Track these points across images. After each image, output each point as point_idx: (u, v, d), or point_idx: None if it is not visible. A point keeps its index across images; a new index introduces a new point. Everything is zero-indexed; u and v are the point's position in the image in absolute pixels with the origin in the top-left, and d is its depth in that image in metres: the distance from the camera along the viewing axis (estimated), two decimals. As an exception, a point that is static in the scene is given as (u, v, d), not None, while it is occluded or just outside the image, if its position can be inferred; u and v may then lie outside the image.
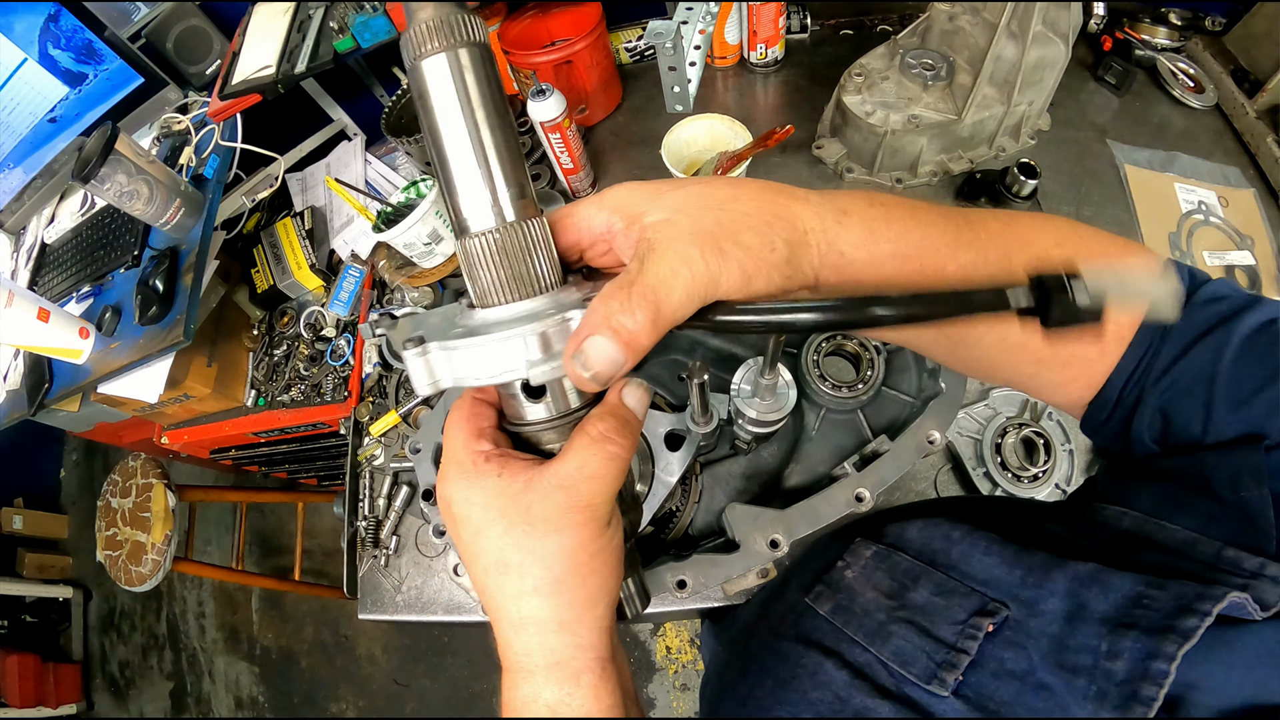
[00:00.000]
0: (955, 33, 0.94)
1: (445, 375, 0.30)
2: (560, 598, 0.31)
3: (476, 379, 0.30)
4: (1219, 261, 0.93)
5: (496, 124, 0.30)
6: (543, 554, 0.31)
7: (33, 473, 2.69)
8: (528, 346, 0.29)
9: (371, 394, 1.04)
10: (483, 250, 0.30)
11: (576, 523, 0.31)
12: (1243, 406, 0.34)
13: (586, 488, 0.31)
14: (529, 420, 0.34)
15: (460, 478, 0.32)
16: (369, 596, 0.90)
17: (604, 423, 0.32)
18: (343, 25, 1.06)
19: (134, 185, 0.97)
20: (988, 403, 0.84)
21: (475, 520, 0.32)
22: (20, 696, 2.12)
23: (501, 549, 0.31)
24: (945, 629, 0.36)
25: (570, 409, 0.34)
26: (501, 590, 0.32)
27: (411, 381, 0.30)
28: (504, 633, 0.33)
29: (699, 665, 1.84)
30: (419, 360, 0.29)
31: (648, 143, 1.16)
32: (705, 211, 0.30)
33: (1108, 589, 0.32)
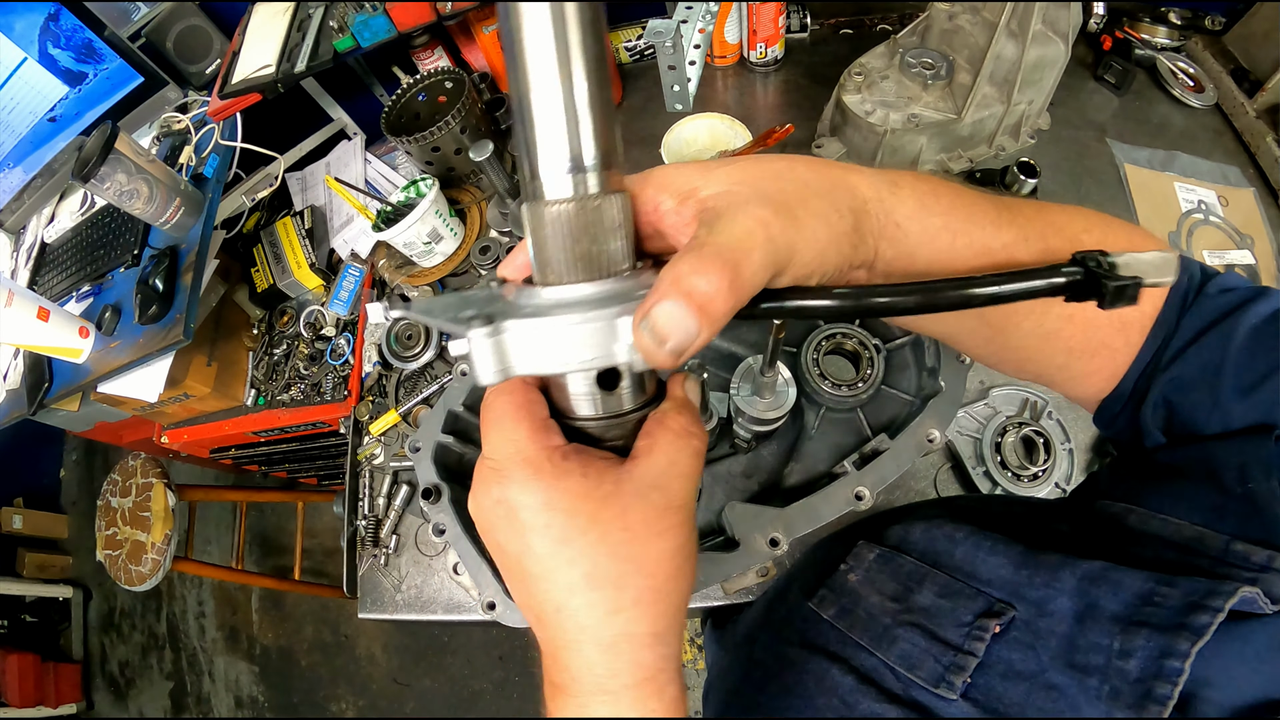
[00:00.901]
0: (955, 32, 0.94)
1: (523, 360, 0.26)
2: (659, 608, 0.29)
3: (564, 364, 0.26)
4: (1219, 261, 0.93)
5: (595, 81, 0.25)
6: (644, 561, 0.28)
7: (33, 472, 2.69)
8: (625, 330, 0.25)
9: (371, 393, 1.04)
10: (558, 222, 0.26)
11: (675, 525, 0.29)
12: (1251, 393, 0.33)
13: (679, 486, 0.29)
14: (593, 415, 0.30)
15: (533, 478, 0.28)
16: (369, 596, 0.90)
17: (684, 416, 0.30)
18: (342, 24, 1.06)
19: (134, 184, 0.97)
20: (987, 402, 0.84)
21: (555, 529, 0.27)
22: (20, 696, 2.12)
23: (595, 559, 0.27)
24: (951, 631, 0.36)
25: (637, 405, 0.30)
26: (592, 607, 0.28)
27: (474, 367, 0.26)
28: (585, 659, 0.29)
29: (699, 665, 1.84)
30: (488, 342, 0.25)
31: (647, 142, 1.16)
32: (765, 180, 0.28)
33: (1117, 587, 0.31)
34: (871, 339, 0.81)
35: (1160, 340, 0.36)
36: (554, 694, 0.30)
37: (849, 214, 0.29)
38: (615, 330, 0.25)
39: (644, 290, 0.25)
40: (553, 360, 0.26)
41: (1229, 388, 0.34)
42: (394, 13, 1.03)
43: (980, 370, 0.89)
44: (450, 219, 1.08)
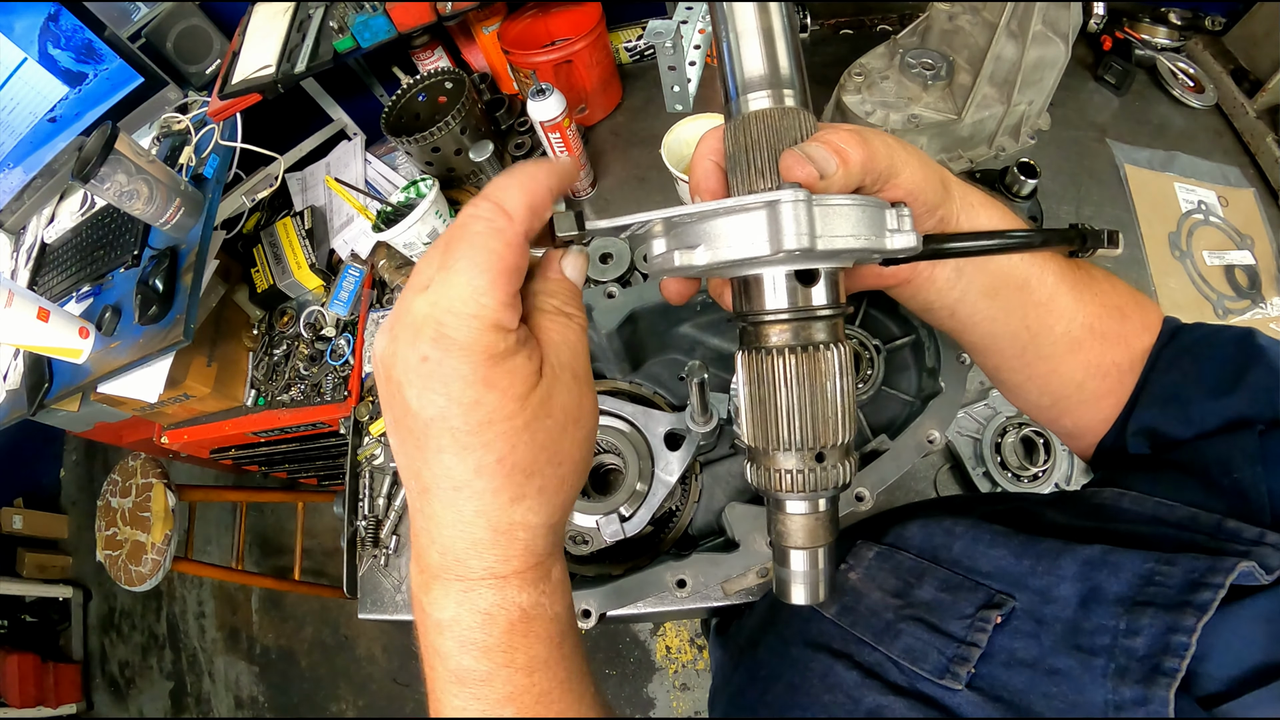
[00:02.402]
0: (955, 32, 0.94)
1: (824, 236, 0.27)
2: (560, 496, 0.30)
3: (846, 243, 0.28)
4: (1219, 261, 0.93)
5: (792, 29, 0.32)
6: (558, 450, 0.29)
7: (33, 473, 2.69)
8: (886, 217, 0.29)
9: (371, 393, 1.04)
10: (757, 130, 0.31)
11: (589, 407, 0.31)
12: (1224, 396, 0.36)
13: (582, 362, 0.31)
14: (780, 309, 0.31)
15: (483, 353, 0.26)
16: (369, 596, 0.90)
17: (555, 298, 0.31)
18: (342, 25, 1.06)
19: (134, 185, 0.97)
20: (987, 402, 0.84)
21: (488, 408, 0.26)
22: (20, 696, 2.12)
23: (515, 445, 0.27)
24: (954, 624, 0.36)
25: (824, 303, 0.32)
26: (496, 492, 0.27)
27: (784, 234, 0.27)
28: (477, 536, 0.28)
29: (699, 665, 1.84)
30: (802, 208, 0.27)
31: (647, 142, 1.16)
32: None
33: (1118, 569, 0.33)
34: (872, 339, 0.81)
35: (1150, 367, 0.41)
36: (428, 581, 0.29)
37: (940, 174, 0.35)
38: (884, 219, 0.29)
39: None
40: (841, 237, 0.28)
41: (1204, 395, 0.37)
42: (394, 13, 1.03)
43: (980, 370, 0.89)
44: (450, 219, 1.08)
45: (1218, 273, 0.92)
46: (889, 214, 0.30)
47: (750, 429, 0.33)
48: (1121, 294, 0.42)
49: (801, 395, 0.31)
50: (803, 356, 0.31)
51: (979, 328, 0.41)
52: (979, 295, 0.39)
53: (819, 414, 0.31)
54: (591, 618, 0.66)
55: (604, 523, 0.78)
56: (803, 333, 0.31)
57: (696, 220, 0.29)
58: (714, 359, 0.89)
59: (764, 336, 0.32)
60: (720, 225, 0.28)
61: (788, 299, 0.31)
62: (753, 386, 0.32)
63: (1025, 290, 0.39)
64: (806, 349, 0.31)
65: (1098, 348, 0.40)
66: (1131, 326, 0.41)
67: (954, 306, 0.40)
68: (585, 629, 0.67)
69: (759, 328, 0.32)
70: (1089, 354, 0.41)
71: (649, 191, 1.12)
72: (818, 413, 0.31)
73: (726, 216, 0.28)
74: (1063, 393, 0.43)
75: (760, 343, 0.32)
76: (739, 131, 0.32)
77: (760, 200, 0.27)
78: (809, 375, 0.31)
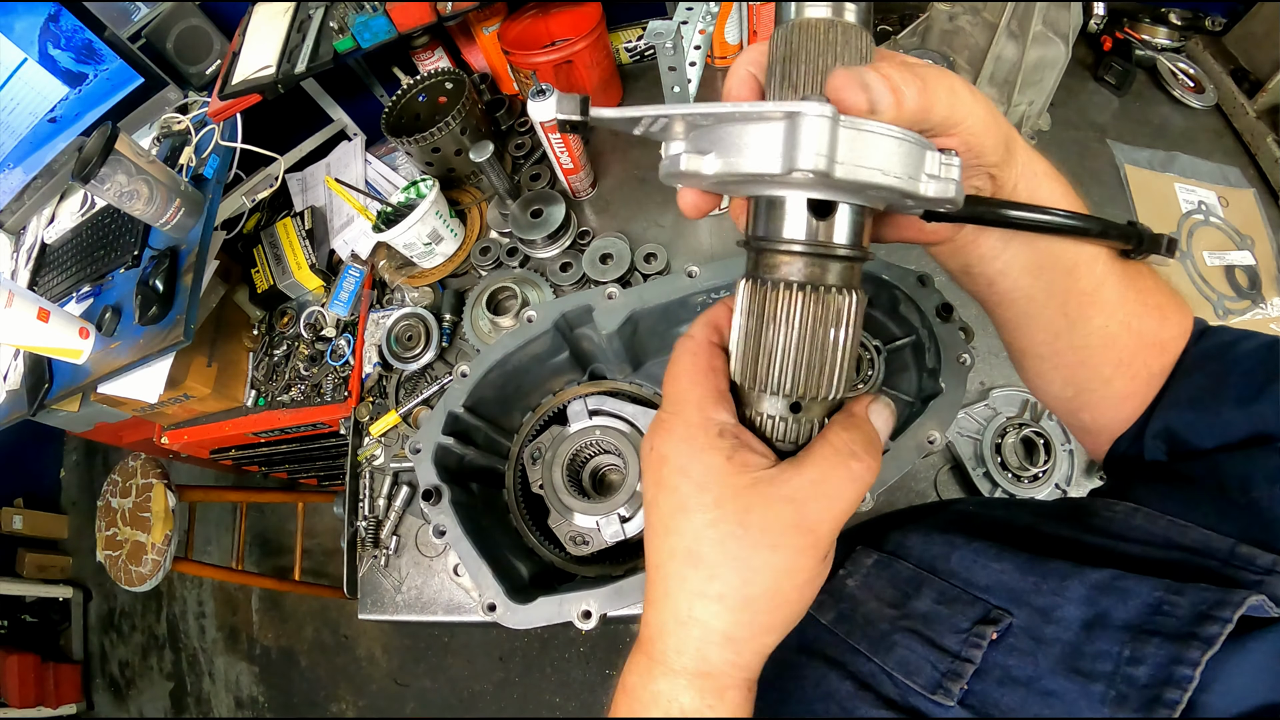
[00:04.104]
0: (955, 32, 0.94)
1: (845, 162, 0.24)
2: (743, 616, 0.28)
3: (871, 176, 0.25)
4: (1219, 261, 0.93)
5: None
6: (744, 566, 0.27)
7: (33, 473, 2.69)
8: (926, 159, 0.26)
9: (371, 394, 1.04)
10: (809, 39, 0.28)
11: (794, 546, 0.27)
12: (1250, 404, 0.35)
13: (816, 508, 0.27)
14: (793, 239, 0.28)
15: (683, 441, 0.29)
16: (369, 596, 0.90)
17: (849, 433, 0.28)
18: (343, 25, 1.06)
19: (134, 185, 0.97)
20: (988, 403, 0.84)
21: (683, 494, 0.28)
22: (20, 696, 2.12)
23: (699, 540, 0.28)
24: (949, 638, 0.36)
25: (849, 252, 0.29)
26: (682, 581, 0.28)
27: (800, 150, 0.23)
28: (662, 621, 0.30)
29: (699, 665, 1.84)
30: (825, 125, 0.23)
31: (648, 143, 1.15)
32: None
33: (1126, 596, 0.32)
34: (872, 340, 0.81)
35: (1176, 369, 0.39)
36: (636, 647, 0.31)
37: (1006, 131, 0.32)
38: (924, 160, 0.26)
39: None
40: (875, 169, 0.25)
41: (1229, 401, 0.35)
42: (394, 13, 1.02)
43: (980, 371, 0.89)
44: (450, 220, 1.08)
45: (1218, 273, 0.92)
46: (930, 156, 0.26)
47: (738, 364, 0.31)
48: (1164, 293, 0.40)
49: (800, 338, 0.28)
50: (810, 296, 0.28)
51: (1016, 305, 0.39)
52: (1022, 270, 0.37)
53: (813, 361, 0.28)
54: (592, 618, 0.66)
55: (604, 523, 0.78)
56: (814, 270, 0.28)
57: (714, 123, 0.26)
58: (714, 359, 0.89)
59: (771, 266, 0.29)
60: (736, 132, 0.25)
61: (804, 230, 0.28)
62: (749, 318, 0.30)
63: (1072, 275, 0.36)
64: (816, 289, 0.28)
65: (1132, 346, 0.39)
66: (1169, 330, 0.39)
67: (994, 277, 0.37)
68: (585, 629, 0.67)
69: (767, 255, 0.29)
70: (1123, 351, 0.39)
71: (649, 192, 1.12)
72: (813, 360, 0.28)
73: (743, 123, 0.25)
74: (1088, 386, 0.41)
75: (766, 273, 0.29)
76: (785, 38, 0.28)
77: (781, 109, 0.24)
78: (812, 318, 0.28)
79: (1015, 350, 0.43)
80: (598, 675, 1.89)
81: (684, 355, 0.31)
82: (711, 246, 1.04)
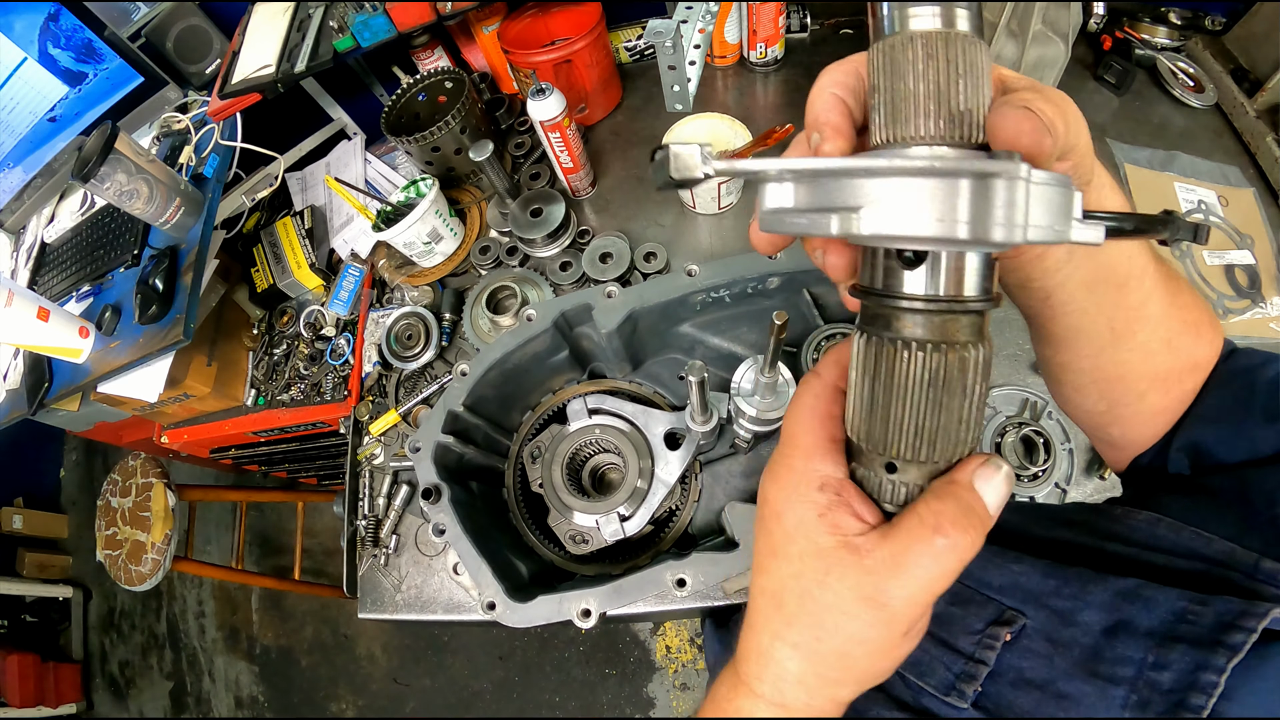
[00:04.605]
0: (955, 32, 0.94)
1: (1031, 225, 0.21)
2: (814, 667, 0.28)
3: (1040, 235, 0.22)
4: (1219, 261, 0.93)
5: None
6: (816, 623, 0.27)
7: (33, 472, 2.69)
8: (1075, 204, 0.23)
9: (371, 393, 1.04)
10: (925, 58, 0.23)
11: (866, 619, 0.26)
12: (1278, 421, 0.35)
13: (894, 584, 0.25)
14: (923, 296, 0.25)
15: (786, 488, 0.29)
16: (369, 596, 0.90)
17: (941, 504, 0.25)
18: (342, 24, 1.06)
19: (134, 184, 0.97)
20: (987, 402, 0.84)
21: (775, 539, 0.29)
22: (20, 696, 2.12)
23: (783, 587, 0.28)
24: (963, 639, 0.36)
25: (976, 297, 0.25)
26: (767, 619, 0.30)
27: (993, 219, 0.20)
28: (748, 648, 0.31)
29: (699, 665, 1.84)
30: (1020, 189, 0.20)
31: (647, 142, 1.16)
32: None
33: (1151, 604, 0.32)
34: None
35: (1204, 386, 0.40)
36: (731, 660, 0.33)
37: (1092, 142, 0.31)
38: (1072, 206, 0.23)
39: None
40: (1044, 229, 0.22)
41: (1257, 417, 0.36)
42: (394, 13, 1.02)
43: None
44: (450, 219, 1.08)
45: (1218, 272, 0.92)
46: (1078, 199, 0.23)
47: (851, 418, 0.28)
48: (1199, 310, 0.40)
49: (923, 402, 0.25)
50: (934, 356, 0.25)
51: (1068, 319, 0.38)
52: (1079, 285, 0.36)
53: (934, 425, 0.26)
54: (591, 616, 0.66)
55: (604, 522, 0.78)
56: (941, 327, 0.25)
57: (854, 174, 0.22)
58: (714, 358, 0.89)
59: (894, 323, 0.26)
60: (893, 189, 0.22)
61: (934, 287, 0.25)
62: (864, 376, 0.27)
63: (1123, 290, 0.36)
64: (940, 347, 0.25)
65: (1169, 362, 0.39)
66: (1204, 349, 0.40)
67: (1052, 290, 0.36)
68: (585, 628, 0.67)
69: (886, 309, 0.26)
70: (1159, 366, 0.39)
71: (649, 191, 1.12)
72: (934, 424, 0.26)
73: (905, 178, 0.21)
74: (1122, 401, 0.41)
75: (884, 328, 0.26)
76: (892, 56, 0.24)
77: (969, 167, 0.21)
78: (945, 381, 0.25)
79: (1055, 364, 0.43)
80: (598, 674, 1.89)
81: (806, 395, 0.30)
82: (711, 245, 1.04)
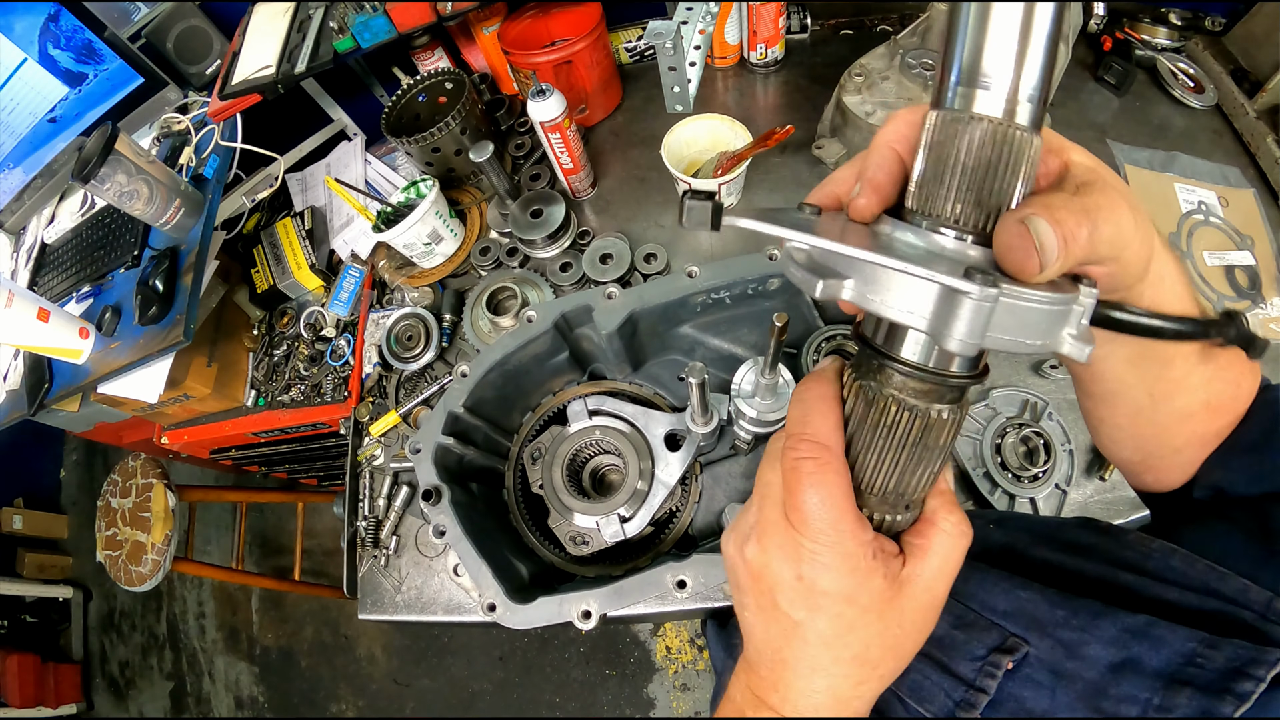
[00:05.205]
0: (955, 33, 0.94)
1: (992, 334, 0.23)
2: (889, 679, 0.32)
3: (1008, 346, 0.24)
4: (1219, 261, 0.93)
5: (1056, 16, 0.24)
6: (900, 650, 0.31)
7: (33, 473, 2.69)
8: (1070, 318, 0.25)
9: (371, 394, 1.04)
10: (979, 141, 0.25)
11: (933, 620, 0.31)
12: None
13: (943, 586, 0.31)
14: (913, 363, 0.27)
15: (849, 575, 0.29)
16: (369, 596, 0.90)
17: (955, 515, 0.31)
18: (342, 25, 1.06)
19: (134, 185, 0.97)
20: (987, 403, 0.84)
21: (849, 618, 0.30)
22: (20, 696, 2.12)
23: (869, 645, 0.30)
24: (964, 665, 0.36)
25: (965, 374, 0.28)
26: (847, 677, 0.31)
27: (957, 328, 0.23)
28: (816, 703, 0.32)
29: (699, 665, 1.84)
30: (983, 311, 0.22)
31: (648, 143, 1.16)
32: (1118, 180, 0.29)
33: (1160, 644, 0.32)
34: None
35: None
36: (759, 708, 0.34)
37: (1150, 246, 0.31)
38: (1066, 321, 0.25)
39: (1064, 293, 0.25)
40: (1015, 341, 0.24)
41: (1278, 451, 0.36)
42: (394, 13, 1.02)
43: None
44: (450, 220, 1.08)
45: (1218, 273, 0.92)
46: (1074, 313, 0.25)
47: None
48: (1239, 361, 0.40)
49: (902, 453, 0.29)
50: (918, 417, 0.28)
51: (1107, 385, 0.40)
52: (1121, 359, 0.37)
53: (912, 472, 0.29)
54: (591, 618, 0.66)
55: (604, 523, 0.78)
56: (927, 395, 0.28)
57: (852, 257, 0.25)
58: (714, 360, 0.89)
59: (883, 377, 0.29)
60: (879, 272, 0.24)
61: (923, 356, 0.27)
62: (853, 418, 0.30)
63: (1167, 365, 0.37)
64: (924, 413, 0.28)
65: (1207, 420, 0.40)
66: (1241, 400, 0.40)
67: (1093, 361, 0.38)
68: (585, 629, 0.67)
69: (880, 366, 0.29)
70: (1198, 425, 0.40)
71: (649, 191, 1.12)
72: (910, 470, 0.29)
73: (894, 272, 0.24)
74: (1157, 454, 0.42)
75: (876, 380, 0.29)
76: (947, 130, 0.26)
77: (941, 280, 0.23)
78: (919, 438, 0.28)
79: (1094, 416, 0.44)
80: (598, 675, 1.89)
81: (811, 473, 0.30)
82: (711, 247, 1.04)
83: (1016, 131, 0.25)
